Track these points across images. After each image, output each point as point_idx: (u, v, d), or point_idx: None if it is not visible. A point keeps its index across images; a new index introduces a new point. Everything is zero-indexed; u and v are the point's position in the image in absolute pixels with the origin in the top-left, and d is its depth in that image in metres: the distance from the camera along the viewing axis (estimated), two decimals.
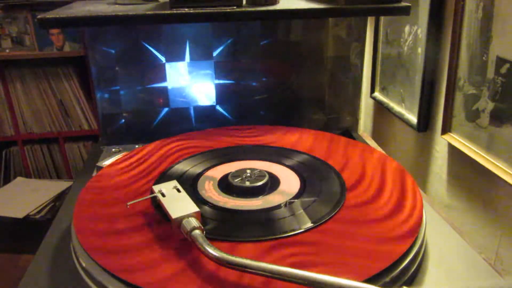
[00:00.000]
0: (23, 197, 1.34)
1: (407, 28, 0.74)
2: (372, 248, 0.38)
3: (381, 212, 0.44)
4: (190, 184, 0.50)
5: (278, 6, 0.59)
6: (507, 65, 0.51)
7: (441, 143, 0.67)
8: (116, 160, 0.58)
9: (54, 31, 1.41)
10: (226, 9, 0.56)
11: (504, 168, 0.52)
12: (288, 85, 0.76)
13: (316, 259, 0.37)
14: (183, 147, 0.62)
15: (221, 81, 0.75)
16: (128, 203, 0.43)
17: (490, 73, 0.54)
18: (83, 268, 0.38)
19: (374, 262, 0.36)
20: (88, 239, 0.40)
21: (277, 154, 0.58)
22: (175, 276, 0.35)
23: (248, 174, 0.50)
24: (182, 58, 0.72)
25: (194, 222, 0.38)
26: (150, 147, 0.62)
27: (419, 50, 0.70)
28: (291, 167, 0.54)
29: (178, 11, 0.55)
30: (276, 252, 0.38)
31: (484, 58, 0.55)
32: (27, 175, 1.56)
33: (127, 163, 0.57)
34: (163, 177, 0.52)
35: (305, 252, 0.38)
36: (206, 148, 0.61)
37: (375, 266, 0.35)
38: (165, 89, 0.74)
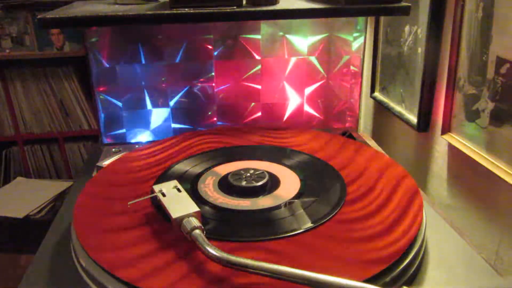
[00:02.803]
0: (23, 197, 1.34)
1: (407, 28, 0.74)
2: (372, 248, 0.38)
3: (382, 212, 0.44)
4: (190, 184, 0.50)
5: (278, 6, 0.59)
6: (507, 65, 0.51)
7: (441, 143, 0.67)
8: (116, 160, 0.58)
9: (54, 31, 1.41)
10: (226, 9, 0.56)
11: (504, 168, 0.52)
12: (288, 86, 0.76)
13: (316, 258, 0.37)
14: (184, 146, 0.62)
15: (221, 82, 0.75)
16: (129, 203, 0.43)
17: (490, 73, 0.54)
18: (83, 268, 0.38)
19: (374, 262, 0.36)
20: (88, 239, 0.40)
21: (277, 154, 0.58)
22: (175, 276, 0.35)
23: (248, 174, 0.50)
24: (182, 58, 0.72)
25: (194, 221, 0.38)
26: (150, 146, 0.62)
27: (419, 50, 0.70)
28: (291, 167, 0.54)
29: (178, 11, 0.55)
30: (275, 252, 0.38)
31: (484, 58, 0.55)
32: (27, 175, 1.56)
33: (127, 162, 0.57)
34: (164, 177, 0.52)
35: (305, 252, 0.38)
36: (206, 148, 0.61)
37: (375, 266, 0.35)
38: (165, 89, 0.74)
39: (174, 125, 0.76)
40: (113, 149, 0.66)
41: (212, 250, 0.34)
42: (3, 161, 1.56)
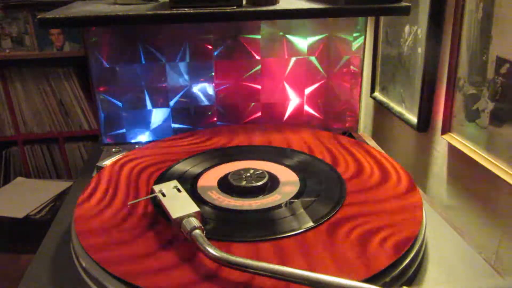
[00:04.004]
0: (23, 197, 1.34)
1: (407, 28, 0.74)
2: (372, 248, 0.38)
3: (382, 211, 0.44)
4: (190, 184, 0.50)
5: (278, 6, 0.59)
6: (507, 65, 0.51)
7: (441, 143, 0.67)
8: (117, 159, 0.58)
9: (54, 31, 1.41)
10: (226, 9, 0.56)
11: (504, 168, 0.52)
12: (288, 85, 0.76)
13: (316, 258, 0.37)
14: (185, 146, 0.62)
15: (221, 81, 0.75)
16: (129, 203, 0.43)
17: (490, 73, 0.54)
18: (83, 268, 0.38)
19: (374, 262, 0.36)
20: (88, 239, 0.40)
21: (277, 154, 0.58)
22: (175, 276, 0.35)
23: (248, 174, 0.50)
24: (182, 58, 0.72)
25: (194, 221, 0.38)
26: (151, 146, 0.62)
27: (419, 50, 0.70)
28: (291, 167, 0.54)
29: (178, 11, 0.55)
30: (275, 252, 0.38)
31: (484, 58, 0.55)
32: (27, 175, 1.56)
33: (127, 162, 0.57)
34: (163, 177, 0.52)
35: (305, 251, 0.38)
36: (206, 148, 0.61)
37: (375, 266, 0.35)
38: (165, 89, 0.74)
39: (174, 125, 0.76)
40: (113, 149, 0.66)
41: (212, 250, 0.34)
42: (3, 161, 1.56)
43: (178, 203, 0.41)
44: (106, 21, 0.55)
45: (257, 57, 0.74)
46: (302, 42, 0.74)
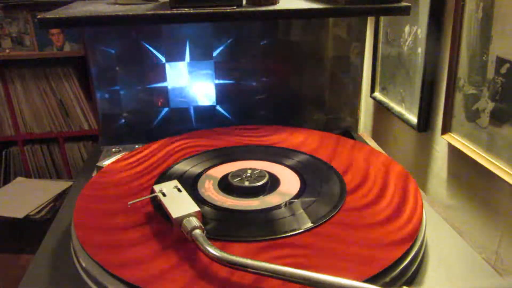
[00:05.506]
0: (23, 197, 1.34)
1: (407, 28, 0.74)
2: (373, 248, 0.38)
3: (382, 211, 0.44)
4: (190, 184, 0.50)
5: (278, 6, 0.59)
6: (507, 65, 0.51)
7: (441, 143, 0.67)
8: (117, 160, 0.58)
9: (54, 31, 1.41)
10: (226, 9, 0.56)
11: (504, 168, 0.52)
12: (288, 85, 0.76)
13: (316, 259, 0.37)
14: (187, 146, 0.62)
15: (221, 81, 0.75)
16: (129, 203, 0.43)
17: (490, 73, 0.54)
18: (83, 268, 0.38)
19: (374, 262, 0.36)
20: (88, 239, 0.40)
21: (278, 154, 0.58)
22: (176, 276, 0.35)
23: (248, 174, 0.50)
24: (182, 58, 0.72)
25: (194, 221, 0.38)
26: (151, 146, 0.62)
27: (419, 50, 0.70)
28: (291, 167, 0.54)
29: (178, 11, 0.55)
30: (276, 252, 0.38)
31: (484, 58, 0.55)
32: (27, 175, 1.56)
33: (128, 162, 0.57)
34: (163, 177, 0.52)
35: (305, 252, 0.38)
36: (210, 147, 0.61)
37: (375, 266, 0.35)
38: (165, 89, 0.74)
39: (174, 125, 0.76)
40: (113, 149, 0.66)
41: (212, 250, 0.34)
42: (3, 161, 1.56)
43: (178, 203, 0.41)
44: (106, 21, 0.55)
45: (257, 57, 0.74)
46: (302, 42, 0.74)
